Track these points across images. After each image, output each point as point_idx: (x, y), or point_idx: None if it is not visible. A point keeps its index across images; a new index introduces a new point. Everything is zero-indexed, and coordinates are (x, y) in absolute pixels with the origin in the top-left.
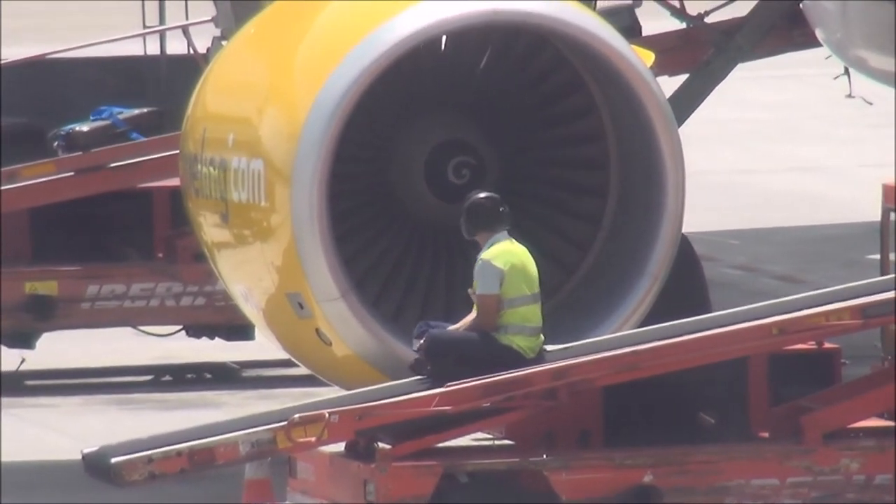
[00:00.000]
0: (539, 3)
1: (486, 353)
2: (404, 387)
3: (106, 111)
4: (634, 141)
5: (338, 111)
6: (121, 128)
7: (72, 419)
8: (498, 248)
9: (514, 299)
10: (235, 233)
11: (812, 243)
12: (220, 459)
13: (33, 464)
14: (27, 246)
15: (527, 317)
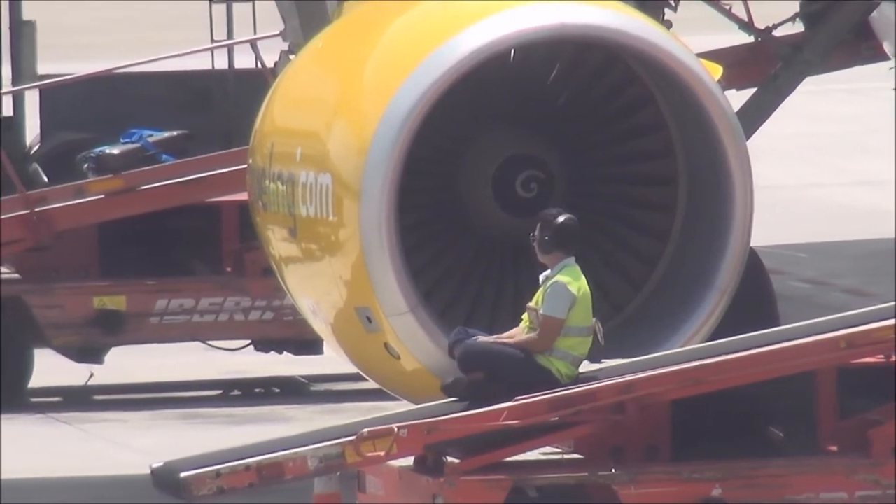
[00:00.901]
0: (608, 16)
1: (522, 372)
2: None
3: (136, 134)
4: (702, 155)
5: (406, 125)
6: (150, 150)
7: (140, 434)
8: (572, 273)
9: (573, 328)
10: (303, 247)
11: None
12: (288, 474)
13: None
14: (96, 261)
15: (576, 346)
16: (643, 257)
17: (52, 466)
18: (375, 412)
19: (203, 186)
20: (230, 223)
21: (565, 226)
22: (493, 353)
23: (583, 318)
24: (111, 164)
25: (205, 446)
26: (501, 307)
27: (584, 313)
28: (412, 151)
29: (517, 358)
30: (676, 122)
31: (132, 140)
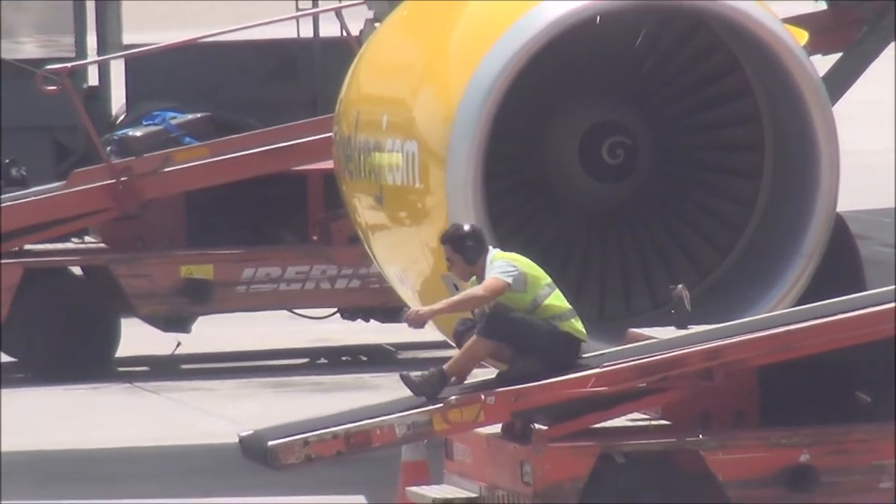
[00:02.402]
0: None
1: (549, 339)
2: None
3: (159, 116)
4: (788, 122)
5: (492, 93)
6: (173, 133)
7: (227, 403)
8: (504, 254)
9: (541, 294)
10: (390, 215)
11: None
12: (376, 442)
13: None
14: (183, 230)
15: (559, 301)
16: (729, 224)
17: (140, 436)
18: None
19: (289, 155)
20: (316, 192)
21: (474, 230)
22: (518, 321)
23: (543, 278)
24: (133, 147)
25: (292, 415)
26: (588, 272)
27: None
28: (499, 119)
29: (542, 325)
30: (762, 88)
31: (155, 122)
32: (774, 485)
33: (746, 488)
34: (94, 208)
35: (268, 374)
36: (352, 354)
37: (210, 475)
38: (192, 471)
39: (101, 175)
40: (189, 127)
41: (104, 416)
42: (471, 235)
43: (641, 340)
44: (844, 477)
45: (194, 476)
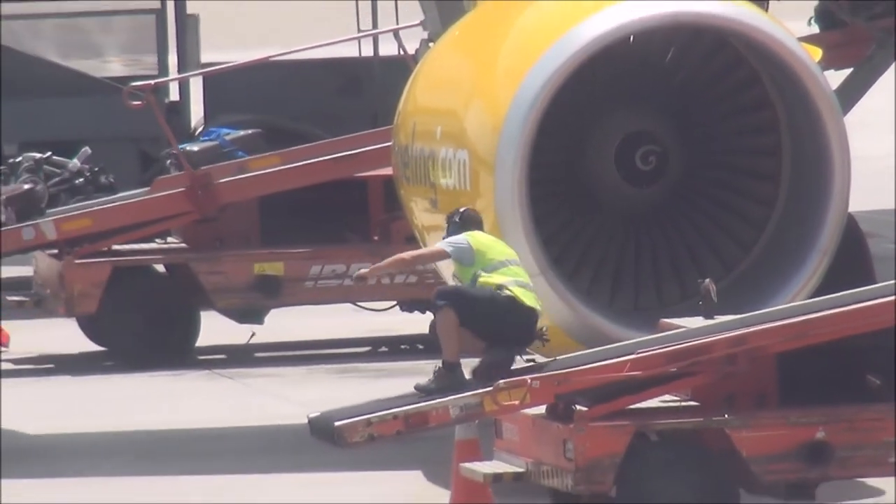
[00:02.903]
0: (718, 5)
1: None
2: (598, 354)
3: (214, 133)
4: (804, 130)
5: (536, 105)
6: (227, 148)
7: (297, 387)
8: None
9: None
10: (444, 216)
11: None
12: (432, 422)
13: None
14: (256, 230)
15: (518, 273)
16: (752, 222)
17: (218, 417)
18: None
19: (352, 162)
20: (377, 195)
21: (465, 213)
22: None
23: (497, 253)
24: (190, 160)
25: (356, 398)
26: (624, 270)
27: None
28: (542, 129)
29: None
30: (781, 100)
31: (210, 138)
32: (793, 459)
33: (768, 463)
34: (175, 212)
35: (333, 361)
36: (409, 343)
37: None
38: (265, 449)
39: (181, 182)
40: (241, 142)
41: (185, 400)
42: (459, 214)
43: (672, 329)
44: (857, 452)
45: (267, 453)
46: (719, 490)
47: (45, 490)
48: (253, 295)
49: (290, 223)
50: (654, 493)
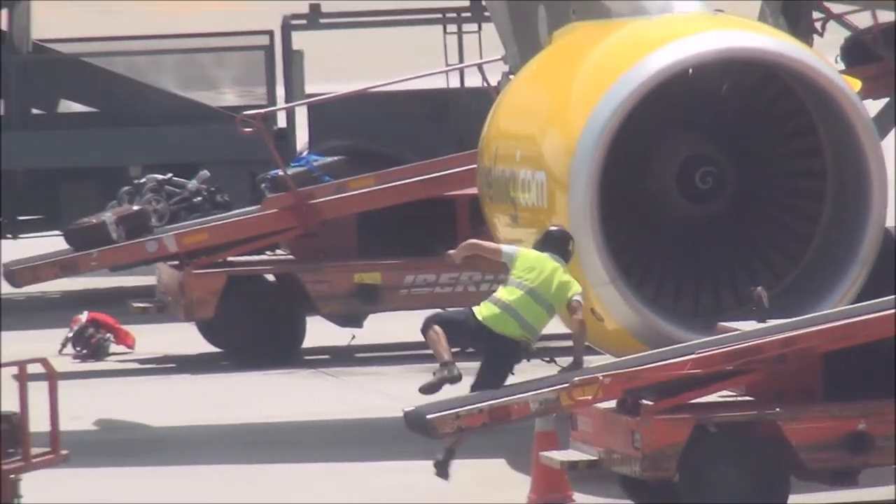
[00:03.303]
0: (768, 41)
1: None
2: (662, 354)
3: (304, 159)
4: (845, 153)
5: (605, 131)
6: (315, 173)
7: (393, 384)
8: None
9: (510, 280)
10: (523, 231)
11: None
12: (514, 415)
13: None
14: (354, 244)
15: (509, 293)
16: (799, 236)
17: (322, 411)
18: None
19: (441, 183)
20: (463, 212)
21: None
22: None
23: (522, 271)
24: (283, 185)
25: (446, 393)
26: (685, 279)
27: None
28: (610, 152)
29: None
30: (824, 126)
31: (301, 164)
32: (837, 448)
33: (815, 451)
34: (283, 227)
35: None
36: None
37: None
38: (364, 439)
39: (288, 201)
40: (328, 168)
41: (293, 395)
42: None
43: (729, 332)
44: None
45: (366, 443)
46: (771, 476)
47: (169, 475)
48: (353, 302)
49: (386, 237)
50: (712, 479)
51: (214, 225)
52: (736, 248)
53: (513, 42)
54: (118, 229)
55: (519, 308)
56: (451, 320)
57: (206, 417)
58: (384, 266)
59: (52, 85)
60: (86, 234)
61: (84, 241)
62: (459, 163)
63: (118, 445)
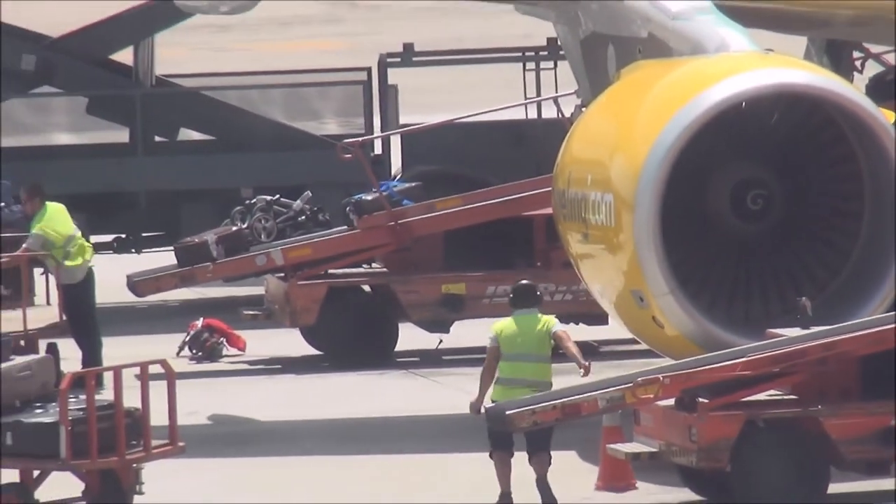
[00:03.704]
0: (814, 77)
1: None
2: (716, 357)
3: (385, 185)
4: (882, 177)
5: (667, 158)
6: (395, 197)
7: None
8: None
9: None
10: (594, 247)
11: None
12: (584, 412)
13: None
14: (441, 257)
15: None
16: (840, 251)
17: (413, 408)
18: (646, 366)
19: (520, 204)
20: (540, 230)
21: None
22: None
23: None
24: (365, 208)
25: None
26: (737, 290)
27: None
28: (671, 176)
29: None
30: (863, 153)
31: (383, 189)
32: (873, 442)
33: (852, 445)
34: (378, 243)
35: None
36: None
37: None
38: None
39: (383, 219)
40: (407, 192)
41: (387, 393)
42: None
43: (776, 337)
44: None
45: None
46: (813, 467)
47: (274, 465)
48: (440, 310)
49: (470, 252)
50: (761, 469)
51: (317, 241)
52: (782, 262)
53: (585, 78)
54: (218, 248)
55: (524, 374)
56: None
57: (308, 413)
58: (468, 278)
59: (173, 115)
60: (190, 252)
61: (189, 257)
62: (536, 186)
63: (229, 438)
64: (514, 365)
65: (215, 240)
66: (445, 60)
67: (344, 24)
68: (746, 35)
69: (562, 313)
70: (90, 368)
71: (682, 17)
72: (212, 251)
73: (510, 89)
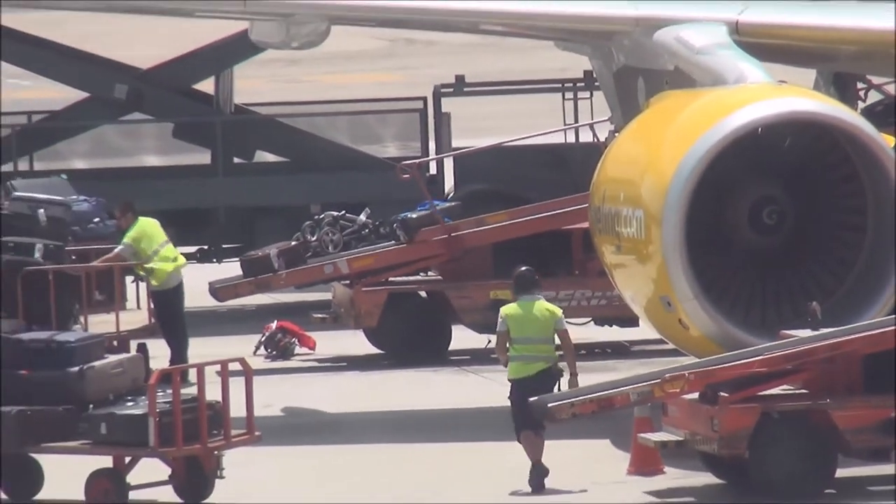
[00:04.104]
0: (822, 105)
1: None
2: (735, 356)
3: (427, 204)
4: (882, 195)
5: (691, 177)
6: (437, 215)
7: None
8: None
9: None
10: (626, 257)
11: None
12: (617, 404)
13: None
14: (490, 267)
15: (516, 351)
16: (845, 262)
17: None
18: (673, 364)
19: (560, 219)
20: (577, 242)
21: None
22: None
23: (517, 329)
24: (411, 225)
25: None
26: (754, 295)
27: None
28: (694, 194)
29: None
30: (866, 173)
31: (426, 208)
32: (875, 432)
33: (857, 434)
34: (432, 254)
35: None
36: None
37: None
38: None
39: (438, 233)
40: (448, 211)
41: (441, 388)
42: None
43: (789, 338)
44: None
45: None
46: (822, 454)
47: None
48: (489, 313)
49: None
50: (775, 455)
51: (379, 252)
52: (794, 271)
53: (617, 106)
54: (279, 260)
55: (534, 352)
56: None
57: (371, 405)
58: None
59: (249, 139)
60: (254, 263)
61: (253, 268)
62: (574, 203)
63: (301, 428)
64: (524, 346)
65: (276, 253)
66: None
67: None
68: (762, 68)
69: (597, 316)
70: (176, 366)
71: (705, 52)
72: (273, 263)
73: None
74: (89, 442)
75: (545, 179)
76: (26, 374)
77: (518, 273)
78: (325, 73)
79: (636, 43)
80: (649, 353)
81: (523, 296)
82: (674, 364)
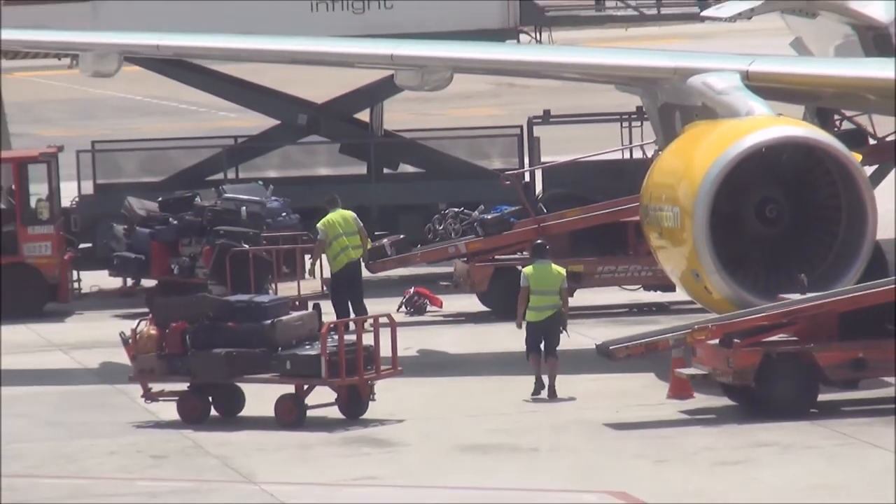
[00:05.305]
0: (811, 132)
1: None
2: (745, 313)
3: (499, 209)
4: (853, 196)
5: (714, 182)
6: (506, 217)
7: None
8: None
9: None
10: (666, 242)
11: None
12: (660, 347)
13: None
14: (568, 248)
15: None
16: (826, 245)
17: None
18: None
19: (619, 213)
20: (631, 231)
21: (535, 246)
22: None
23: (535, 284)
24: (487, 225)
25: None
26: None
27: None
28: (717, 195)
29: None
30: (841, 181)
31: (498, 211)
32: (847, 368)
33: (834, 370)
34: (527, 238)
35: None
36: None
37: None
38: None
39: (531, 223)
40: (513, 213)
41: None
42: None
43: (784, 300)
44: (883, 365)
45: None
46: (808, 384)
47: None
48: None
49: (586, 244)
50: (775, 386)
51: (487, 237)
52: (788, 252)
53: (660, 132)
54: (391, 248)
55: (547, 302)
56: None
57: (482, 348)
58: (586, 262)
59: (395, 155)
60: (374, 252)
61: (372, 255)
62: (629, 202)
63: (431, 365)
64: (540, 297)
65: (389, 243)
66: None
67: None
68: (765, 104)
69: (645, 284)
70: (341, 319)
71: (724, 93)
72: (387, 250)
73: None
74: (278, 374)
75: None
76: (232, 325)
77: (535, 244)
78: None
79: (674, 86)
80: (683, 310)
81: (539, 260)
82: (701, 319)
